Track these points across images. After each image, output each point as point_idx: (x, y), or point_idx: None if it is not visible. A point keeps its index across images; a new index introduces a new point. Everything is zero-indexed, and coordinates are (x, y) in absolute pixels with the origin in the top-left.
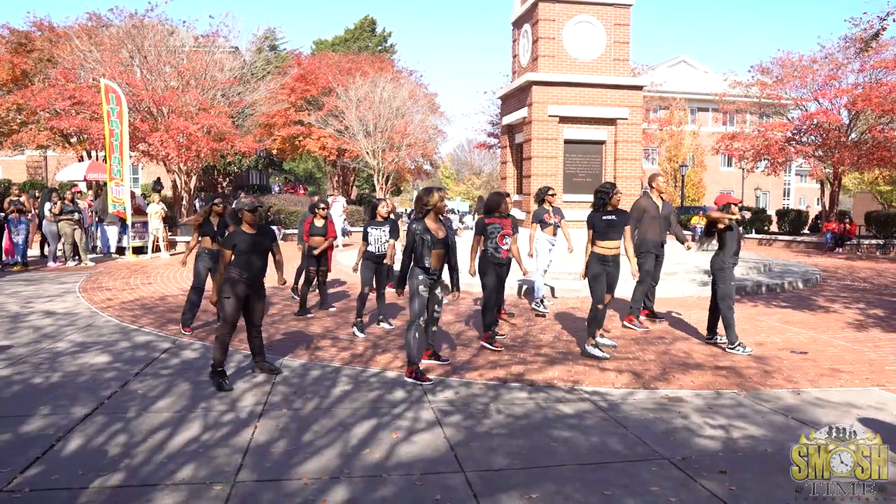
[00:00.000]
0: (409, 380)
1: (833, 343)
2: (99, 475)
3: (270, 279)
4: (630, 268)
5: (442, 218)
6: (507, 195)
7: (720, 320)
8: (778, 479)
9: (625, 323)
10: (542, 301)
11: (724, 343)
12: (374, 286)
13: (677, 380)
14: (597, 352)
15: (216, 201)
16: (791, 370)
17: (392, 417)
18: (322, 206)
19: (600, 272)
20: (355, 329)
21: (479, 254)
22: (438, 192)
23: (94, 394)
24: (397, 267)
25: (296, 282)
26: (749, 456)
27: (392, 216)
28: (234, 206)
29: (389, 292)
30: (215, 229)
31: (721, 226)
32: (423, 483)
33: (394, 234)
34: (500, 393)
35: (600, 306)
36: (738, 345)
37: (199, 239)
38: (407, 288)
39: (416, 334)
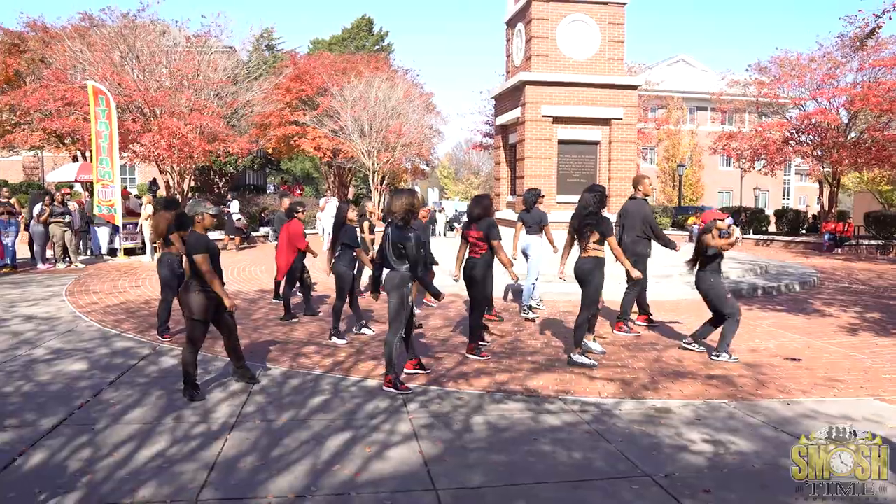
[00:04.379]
0: (389, 389)
1: (828, 349)
2: (56, 493)
3: (252, 283)
4: (630, 272)
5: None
6: (489, 198)
7: (710, 334)
8: (764, 499)
9: (615, 330)
10: (530, 308)
11: (695, 348)
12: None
13: (666, 389)
14: (584, 359)
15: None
16: (784, 379)
17: (368, 430)
18: (300, 209)
19: (601, 277)
20: (335, 338)
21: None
22: (408, 196)
23: (64, 404)
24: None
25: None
26: (736, 473)
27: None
28: (188, 209)
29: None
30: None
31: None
32: (391, 502)
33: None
34: (483, 403)
35: (599, 307)
36: (724, 353)
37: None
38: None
39: (399, 342)
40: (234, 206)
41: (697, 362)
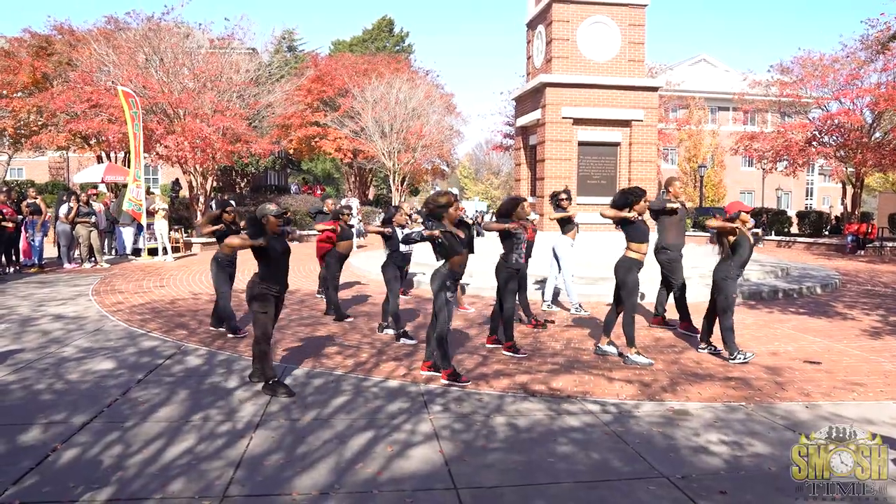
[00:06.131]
0: (445, 381)
1: (849, 353)
2: (90, 489)
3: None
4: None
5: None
6: (508, 200)
7: (713, 328)
8: (779, 501)
9: (680, 329)
10: (552, 302)
11: (709, 351)
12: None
13: (685, 391)
14: (640, 359)
15: (227, 209)
16: (804, 382)
17: (390, 430)
18: (347, 211)
19: (632, 274)
20: (404, 340)
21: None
22: (448, 195)
23: (94, 402)
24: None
25: (327, 288)
26: (752, 475)
27: (409, 222)
28: (257, 212)
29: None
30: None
31: (731, 237)
32: (413, 500)
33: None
34: (503, 404)
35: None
36: (739, 353)
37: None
38: (439, 294)
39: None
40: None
41: (716, 364)
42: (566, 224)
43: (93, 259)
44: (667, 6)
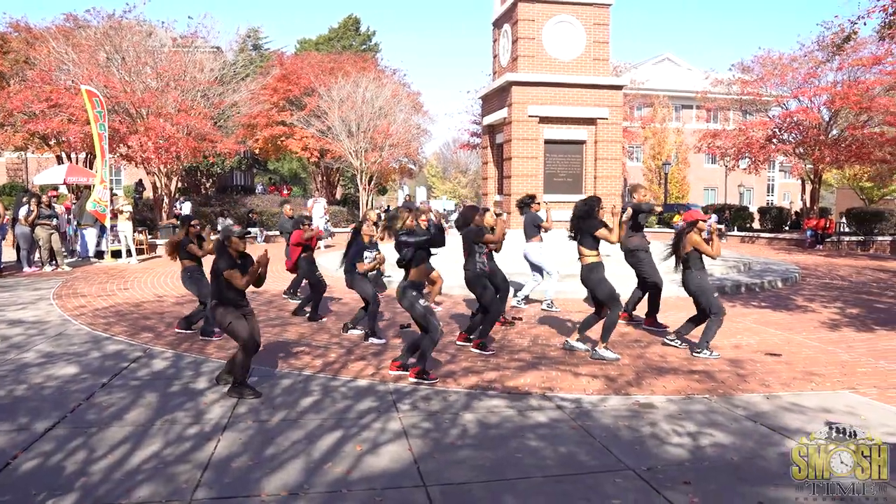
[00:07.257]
0: (413, 380)
1: (807, 344)
2: (52, 495)
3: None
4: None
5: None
6: (468, 209)
7: (692, 330)
8: (741, 489)
9: (645, 326)
10: (523, 299)
11: (677, 344)
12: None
13: (650, 385)
14: (608, 353)
15: (192, 223)
16: (765, 373)
17: (359, 429)
18: (307, 221)
19: (598, 275)
20: (373, 339)
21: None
22: (409, 212)
23: (58, 407)
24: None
25: (295, 289)
26: (715, 465)
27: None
28: (221, 234)
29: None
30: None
31: (688, 249)
32: (382, 499)
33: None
34: (472, 401)
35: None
36: (706, 349)
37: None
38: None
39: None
40: (186, 207)
41: (680, 358)
42: (532, 230)
43: (53, 262)
44: (631, 5)
